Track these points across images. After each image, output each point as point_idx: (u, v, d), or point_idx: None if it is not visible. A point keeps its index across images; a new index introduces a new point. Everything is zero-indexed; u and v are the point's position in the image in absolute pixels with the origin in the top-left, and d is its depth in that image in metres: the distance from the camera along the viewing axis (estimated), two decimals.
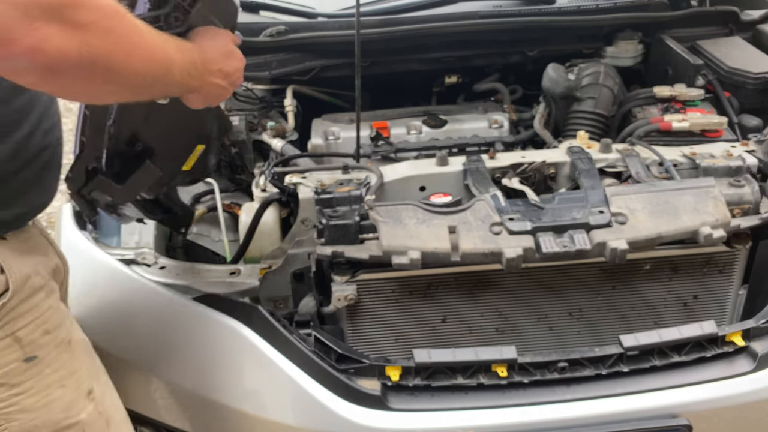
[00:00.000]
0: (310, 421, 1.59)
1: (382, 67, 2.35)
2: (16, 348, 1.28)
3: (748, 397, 1.61)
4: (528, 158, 1.88)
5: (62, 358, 1.35)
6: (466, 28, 2.31)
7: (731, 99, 2.20)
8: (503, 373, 1.60)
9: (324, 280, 1.74)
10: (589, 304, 1.80)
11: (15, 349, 1.28)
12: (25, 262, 1.32)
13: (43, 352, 1.32)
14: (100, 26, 0.99)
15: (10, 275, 1.28)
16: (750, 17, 2.47)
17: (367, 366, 1.61)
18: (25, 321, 1.29)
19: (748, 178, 1.79)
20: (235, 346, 1.65)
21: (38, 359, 1.31)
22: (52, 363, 1.33)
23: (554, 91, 2.22)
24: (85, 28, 0.97)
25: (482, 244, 1.60)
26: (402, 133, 2.23)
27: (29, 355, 1.30)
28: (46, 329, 1.33)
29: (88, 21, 0.97)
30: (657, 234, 1.63)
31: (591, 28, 2.42)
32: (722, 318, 1.84)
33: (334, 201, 1.72)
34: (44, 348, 1.32)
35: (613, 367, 1.62)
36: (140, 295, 1.73)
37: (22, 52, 0.93)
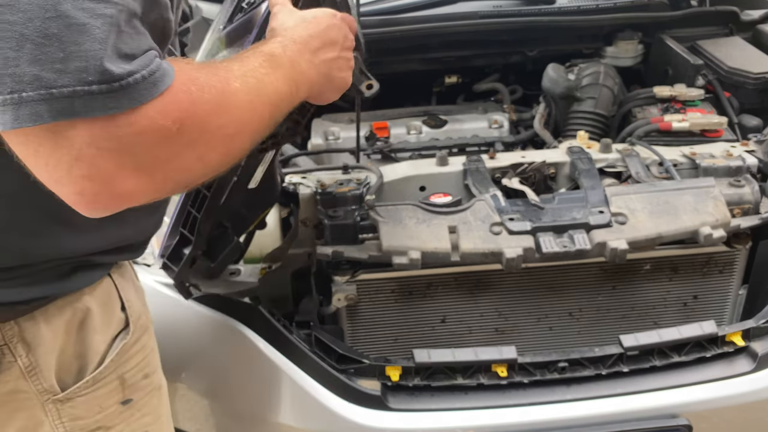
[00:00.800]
0: (310, 421, 1.59)
1: (382, 67, 2.35)
2: (120, 390, 1.22)
3: (748, 397, 1.61)
4: (528, 158, 1.88)
5: (152, 403, 1.29)
6: (466, 28, 2.31)
7: (731, 99, 2.20)
8: (503, 373, 1.60)
9: (324, 280, 1.73)
10: (589, 304, 1.80)
11: (118, 392, 1.22)
12: (136, 297, 1.27)
13: (138, 395, 1.25)
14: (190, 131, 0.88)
15: (130, 313, 1.23)
16: (750, 17, 2.47)
17: (367, 366, 1.61)
18: (133, 363, 1.23)
19: (748, 178, 1.78)
20: (235, 346, 1.65)
21: (133, 402, 1.24)
22: (142, 407, 1.27)
23: (554, 91, 2.22)
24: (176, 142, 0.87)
25: (482, 244, 1.60)
26: (402, 133, 2.23)
27: (127, 397, 1.23)
28: (147, 373, 1.27)
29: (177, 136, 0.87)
30: (657, 234, 1.63)
31: (591, 28, 2.42)
32: (722, 318, 1.84)
33: (334, 201, 1.72)
34: (140, 391, 1.26)
35: (613, 367, 1.62)
36: None
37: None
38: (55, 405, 1.15)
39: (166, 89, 0.85)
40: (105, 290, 1.20)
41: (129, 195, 0.87)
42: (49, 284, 1.11)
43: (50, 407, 1.14)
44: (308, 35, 1.15)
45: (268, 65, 1.02)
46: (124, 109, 0.82)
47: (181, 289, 1.54)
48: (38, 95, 0.78)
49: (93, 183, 0.84)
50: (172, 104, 0.86)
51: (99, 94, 0.80)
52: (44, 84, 0.78)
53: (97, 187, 0.84)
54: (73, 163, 0.82)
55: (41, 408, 1.14)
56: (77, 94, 0.79)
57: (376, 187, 1.79)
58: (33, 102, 0.79)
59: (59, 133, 0.81)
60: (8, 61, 0.78)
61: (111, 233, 1.15)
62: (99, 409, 1.19)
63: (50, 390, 1.13)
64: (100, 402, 1.19)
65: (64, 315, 1.13)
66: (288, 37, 1.12)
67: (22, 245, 1.06)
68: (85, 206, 0.86)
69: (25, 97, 0.78)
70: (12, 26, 0.78)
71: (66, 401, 1.15)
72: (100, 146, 0.82)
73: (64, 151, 0.82)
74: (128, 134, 0.83)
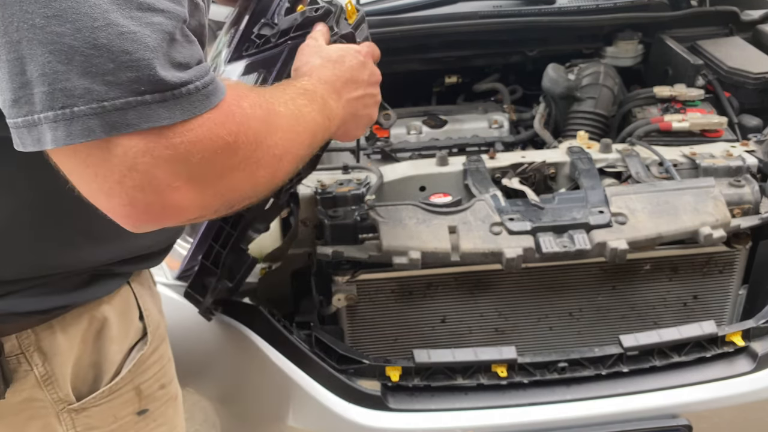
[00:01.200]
0: (310, 421, 1.59)
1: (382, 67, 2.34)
2: (136, 401, 1.20)
3: (748, 397, 1.61)
4: (528, 158, 1.88)
5: (168, 414, 1.28)
6: (466, 28, 2.31)
7: (731, 99, 2.20)
8: (503, 374, 1.60)
9: (324, 280, 1.73)
10: (589, 304, 1.80)
11: (134, 402, 1.20)
12: (154, 306, 1.25)
13: (154, 405, 1.24)
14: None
15: (148, 323, 1.21)
16: (750, 17, 2.47)
17: (367, 366, 1.61)
18: (150, 373, 1.22)
19: (748, 178, 1.78)
20: (235, 346, 1.65)
21: (148, 413, 1.23)
22: (158, 418, 1.25)
23: (554, 91, 2.22)
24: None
25: (482, 244, 1.60)
26: (402, 133, 2.22)
27: (143, 408, 1.22)
28: (163, 383, 1.25)
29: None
30: (657, 234, 1.63)
31: (591, 28, 2.42)
32: (722, 318, 1.84)
33: (334, 201, 1.72)
34: (156, 402, 1.24)
35: (613, 368, 1.62)
36: None
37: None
38: (69, 414, 1.14)
39: (219, 102, 0.84)
40: (123, 299, 1.18)
41: (179, 208, 0.85)
42: (67, 294, 1.09)
43: (65, 416, 1.14)
44: (334, 75, 1.15)
45: (304, 97, 1.03)
46: (177, 119, 0.80)
47: (205, 314, 1.57)
48: (90, 109, 0.76)
49: (145, 194, 0.81)
50: (228, 116, 0.85)
51: (153, 103, 0.78)
52: (96, 97, 0.76)
53: (149, 197, 0.82)
54: (126, 173, 0.80)
55: (56, 417, 1.13)
56: (130, 105, 0.77)
57: (376, 187, 1.79)
58: (85, 117, 0.76)
59: (112, 142, 0.79)
60: (58, 74, 0.76)
61: (131, 243, 1.14)
62: (113, 419, 1.18)
63: (65, 399, 1.13)
64: (115, 412, 1.18)
65: (81, 324, 1.12)
66: (315, 76, 1.13)
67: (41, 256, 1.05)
68: (134, 219, 0.84)
69: (77, 112, 0.76)
70: (61, 38, 0.75)
71: (81, 411, 1.14)
72: (155, 155, 0.80)
73: (117, 161, 0.79)
74: (185, 143, 0.81)
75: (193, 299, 1.52)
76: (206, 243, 1.45)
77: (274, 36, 1.32)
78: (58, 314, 1.09)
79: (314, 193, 1.74)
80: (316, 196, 1.73)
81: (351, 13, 1.34)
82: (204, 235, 1.44)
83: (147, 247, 1.18)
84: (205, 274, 1.48)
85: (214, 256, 1.45)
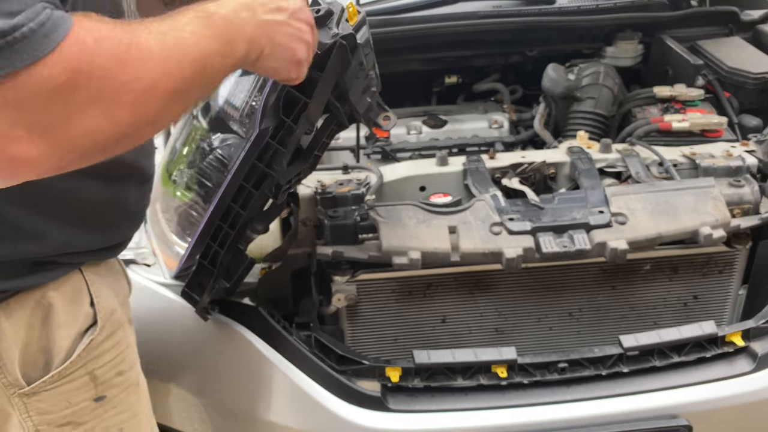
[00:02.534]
0: (310, 422, 1.59)
1: (382, 67, 2.34)
2: (91, 387, 1.20)
3: (748, 397, 1.61)
4: (528, 158, 1.88)
5: (129, 400, 1.27)
6: (466, 28, 2.31)
7: (731, 99, 2.20)
8: (503, 374, 1.60)
9: (324, 280, 1.73)
10: (589, 304, 1.80)
11: (90, 388, 1.20)
12: (110, 294, 1.25)
13: (113, 392, 1.24)
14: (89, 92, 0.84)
15: (99, 309, 1.20)
16: (750, 17, 2.47)
17: (366, 367, 1.61)
18: (105, 359, 1.22)
19: (748, 178, 1.78)
20: (235, 347, 1.65)
21: (107, 399, 1.23)
22: (118, 405, 1.25)
23: (554, 91, 2.22)
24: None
25: (482, 244, 1.60)
26: (402, 133, 2.23)
27: (100, 394, 1.22)
28: (121, 370, 1.25)
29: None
30: (657, 234, 1.63)
31: (591, 28, 2.42)
32: (722, 318, 1.84)
33: (334, 201, 1.71)
34: (115, 388, 1.24)
35: (613, 368, 1.61)
36: (140, 295, 1.72)
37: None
38: (21, 399, 1.15)
39: (59, 42, 0.80)
40: (73, 285, 1.18)
41: (26, 161, 0.82)
42: (9, 280, 1.10)
43: (16, 401, 1.15)
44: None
45: (197, 23, 0.96)
46: (17, 67, 0.78)
47: (202, 313, 1.57)
48: None
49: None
50: (64, 56, 0.81)
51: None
52: None
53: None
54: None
55: (8, 402, 1.14)
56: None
57: (376, 187, 1.79)
58: None
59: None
60: None
61: (75, 240, 1.15)
62: (67, 404, 1.19)
63: (15, 384, 1.13)
64: (69, 397, 1.19)
65: (25, 309, 1.13)
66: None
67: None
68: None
69: None
70: None
71: (32, 395, 1.15)
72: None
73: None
74: (15, 88, 0.78)
75: (190, 298, 1.52)
76: (204, 242, 1.45)
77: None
78: (1, 299, 1.10)
79: (314, 193, 1.74)
80: (316, 196, 1.73)
81: (352, 15, 1.34)
82: (202, 235, 1.44)
83: (94, 243, 1.19)
84: (202, 274, 1.48)
85: (211, 255, 1.45)
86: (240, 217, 1.39)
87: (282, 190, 1.42)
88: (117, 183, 1.20)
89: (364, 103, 1.42)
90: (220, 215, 1.40)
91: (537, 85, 2.29)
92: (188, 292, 1.51)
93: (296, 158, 1.46)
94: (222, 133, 1.45)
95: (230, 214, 1.39)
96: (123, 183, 1.22)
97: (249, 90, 1.35)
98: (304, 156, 1.47)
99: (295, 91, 1.27)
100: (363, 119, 1.45)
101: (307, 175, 1.55)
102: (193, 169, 1.67)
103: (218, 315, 1.66)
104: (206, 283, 1.48)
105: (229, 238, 1.42)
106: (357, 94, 1.39)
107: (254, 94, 1.34)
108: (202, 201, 1.53)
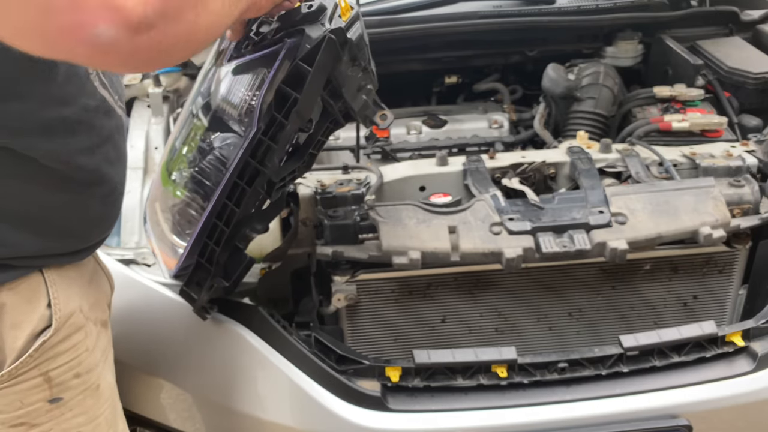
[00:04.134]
0: (310, 422, 1.59)
1: (382, 67, 2.34)
2: (45, 388, 1.20)
3: (748, 397, 1.61)
4: (528, 158, 1.88)
5: (86, 404, 1.27)
6: (466, 28, 2.31)
7: (731, 99, 2.20)
8: (503, 374, 1.59)
9: (324, 280, 1.73)
10: (589, 304, 1.80)
11: (43, 389, 1.20)
12: (73, 297, 1.25)
13: (69, 394, 1.24)
14: None
15: (55, 311, 1.20)
16: (750, 17, 2.47)
17: (366, 367, 1.61)
18: (60, 361, 1.22)
19: (748, 178, 1.78)
20: (235, 346, 1.65)
21: (63, 401, 1.23)
22: (75, 407, 1.25)
23: (554, 91, 2.22)
24: None
25: (482, 244, 1.60)
26: (402, 133, 2.23)
27: (55, 396, 1.22)
28: (78, 372, 1.25)
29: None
30: (657, 234, 1.63)
31: (591, 28, 2.42)
32: (722, 318, 1.84)
33: (334, 201, 1.71)
34: (71, 390, 1.24)
35: (612, 368, 1.61)
36: (140, 295, 1.72)
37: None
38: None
39: None
40: (29, 286, 1.18)
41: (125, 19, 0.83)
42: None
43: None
44: None
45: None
46: None
47: (200, 312, 1.56)
48: None
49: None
50: None
51: None
52: None
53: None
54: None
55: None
56: None
57: (376, 187, 1.79)
58: None
59: None
60: None
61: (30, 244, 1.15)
62: (20, 404, 1.19)
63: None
64: (21, 398, 1.18)
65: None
66: None
67: None
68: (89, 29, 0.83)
69: None
70: None
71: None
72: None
73: None
74: None
75: (188, 297, 1.51)
76: (201, 241, 1.44)
77: (270, 33, 1.32)
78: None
79: (314, 193, 1.74)
80: (316, 196, 1.73)
81: (345, 10, 1.34)
82: (200, 233, 1.43)
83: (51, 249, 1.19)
84: (200, 272, 1.48)
85: (208, 253, 1.45)
86: (234, 214, 1.39)
87: (276, 187, 1.41)
88: (76, 190, 1.20)
89: (359, 101, 1.41)
90: (216, 213, 1.40)
91: (537, 85, 2.29)
92: (186, 290, 1.51)
93: (290, 157, 1.45)
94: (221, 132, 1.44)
95: (225, 212, 1.39)
96: (84, 191, 1.22)
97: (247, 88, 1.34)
98: (299, 154, 1.47)
99: (286, 86, 1.27)
100: (359, 117, 1.44)
101: (302, 173, 1.54)
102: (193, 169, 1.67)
103: (218, 315, 1.66)
104: (204, 282, 1.48)
105: (224, 235, 1.41)
106: (351, 91, 1.38)
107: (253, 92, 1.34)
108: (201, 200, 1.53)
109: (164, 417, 1.71)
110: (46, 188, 1.15)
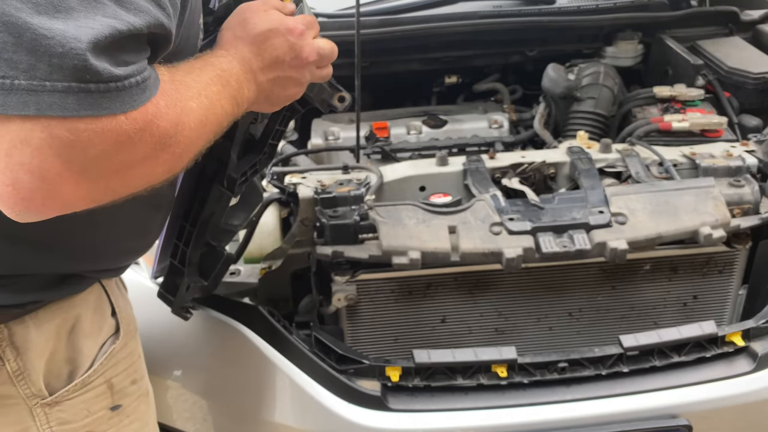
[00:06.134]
0: (310, 421, 1.59)
1: (382, 67, 2.35)
2: (108, 395, 1.22)
3: (748, 397, 1.61)
4: (528, 158, 1.88)
5: (140, 410, 1.29)
6: (466, 28, 2.31)
7: (731, 99, 2.20)
8: (503, 374, 1.60)
9: (324, 280, 1.73)
10: (589, 304, 1.80)
11: (106, 397, 1.21)
12: (127, 304, 1.28)
13: (127, 401, 1.25)
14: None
15: (120, 319, 1.23)
16: (750, 17, 2.47)
17: (367, 366, 1.61)
18: (121, 368, 1.23)
19: (748, 178, 1.78)
20: (235, 346, 1.65)
21: (122, 408, 1.24)
22: (131, 414, 1.26)
23: (554, 91, 2.22)
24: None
25: (482, 244, 1.60)
26: (402, 133, 2.23)
27: (116, 403, 1.23)
28: (134, 379, 1.27)
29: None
30: (657, 234, 1.63)
31: (591, 28, 2.42)
32: (722, 318, 1.84)
33: (334, 201, 1.71)
34: (129, 397, 1.25)
35: (613, 368, 1.62)
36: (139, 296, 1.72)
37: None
38: (43, 409, 1.14)
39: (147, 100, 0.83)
40: (96, 296, 1.20)
41: (66, 200, 0.83)
42: (41, 291, 1.10)
43: (38, 411, 1.14)
44: (252, 54, 1.08)
45: (218, 82, 0.99)
46: (115, 112, 0.79)
47: (179, 313, 1.56)
48: (30, 85, 0.76)
49: (32, 176, 0.78)
50: (142, 114, 0.83)
51: (96, 92, 0.78)
52: (39, 75, 0.76)
53: (35, 182, 0.79)
54: (17, 147, 0.77)
55: (29, 413, 1.14)
56: (72, 90, 0.77)
57: (376, 187, 1.79)
58: (24, 92, 0.76)
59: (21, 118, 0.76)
60: (6, 45, 0.75)
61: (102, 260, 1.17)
62: (87, 413, 1.19)
63: (38, 394, 1.13)
64: (88, 406, 1.19)
65: (55, 320, 1.13)
66: (233, 52, 1.07)
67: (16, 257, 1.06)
68: (13, 203, 0.80)
69: (17, 85, 0.76)
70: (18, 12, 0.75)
71: (54, 405, 1.15)
72: (53, 138, 0.77)
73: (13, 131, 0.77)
74: (89, 131, 0.79)
75: (165, 299, 1.51)
76: (171, 242, 1.44)
77: (210, 24, 1.28)
78: (30, 310, 1.10)
79: (314, 193, 1.74)
80: (316, 196, 1.73)
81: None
82: (167, 235, 1.42)
83: (117, 261, 1.22)
84: (173, 274, 1.47)
85: (180, 254, 1.43)
86: (200, 213, 1.38)
87: (238, 182, 1.39)
88: (149, 210, 1.23)
89: (313, 85, 1.34)
90: (182, 213, 1.40)
91: (537, 85, 2.29)
92: (163, 293, 1.50)
93: (250, 150, 1.43)
94: None
95: (191, 212, 1.38)
96: (153, 210, 1.25)
97: None
98: (258, 146, 1.44)
99: None
100: (315, 102, 1.39)
101: (265, 165, 1.51)
102: None
103: (218, 314, 1.67)
104: (179, 283, 1.47)
105: (192, 235, 1.41)
106: None
107: None
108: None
109: (165, 417, 1.71)
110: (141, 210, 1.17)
